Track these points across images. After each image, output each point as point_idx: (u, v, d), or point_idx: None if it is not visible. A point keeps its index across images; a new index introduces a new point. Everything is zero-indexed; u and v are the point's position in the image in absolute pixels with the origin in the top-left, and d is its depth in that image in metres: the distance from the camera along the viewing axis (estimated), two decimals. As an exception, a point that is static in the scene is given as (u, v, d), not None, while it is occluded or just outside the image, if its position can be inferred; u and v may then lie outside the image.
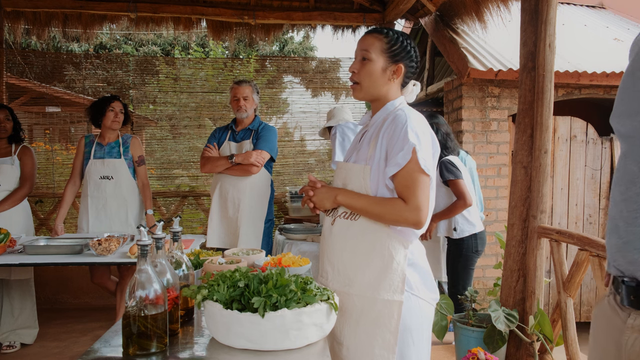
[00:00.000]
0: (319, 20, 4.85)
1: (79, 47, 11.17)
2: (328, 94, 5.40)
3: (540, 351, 2.63)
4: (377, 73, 1.56)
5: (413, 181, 1.44)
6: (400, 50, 1.57)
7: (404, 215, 1.44)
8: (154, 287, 1.13)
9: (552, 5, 2.60)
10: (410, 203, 1.44)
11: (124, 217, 3.39)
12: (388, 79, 1.57)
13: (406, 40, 1.60)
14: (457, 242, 3.20)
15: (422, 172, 1.45)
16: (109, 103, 3.38)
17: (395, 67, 1.57)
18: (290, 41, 13.84)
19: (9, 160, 3.39)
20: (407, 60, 1.58)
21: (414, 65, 1.60)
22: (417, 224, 1.45)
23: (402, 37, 1.60)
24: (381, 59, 1.56)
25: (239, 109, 3.26)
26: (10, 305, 3.44)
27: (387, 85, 1.59)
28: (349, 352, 1.53)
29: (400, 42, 1.58)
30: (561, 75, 4.15)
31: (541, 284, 2.70)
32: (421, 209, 1.44)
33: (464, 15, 4.43)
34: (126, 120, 3.49)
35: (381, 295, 1.49)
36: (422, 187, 1.45)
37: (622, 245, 0.89)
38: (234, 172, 3.20)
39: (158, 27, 4.86)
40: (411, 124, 1.47)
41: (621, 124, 0.91)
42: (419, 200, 1.44)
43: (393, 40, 1.57)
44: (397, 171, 1.46)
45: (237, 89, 3.28)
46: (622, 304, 0.91)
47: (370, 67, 1.56)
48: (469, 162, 3.52)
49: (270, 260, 1.94)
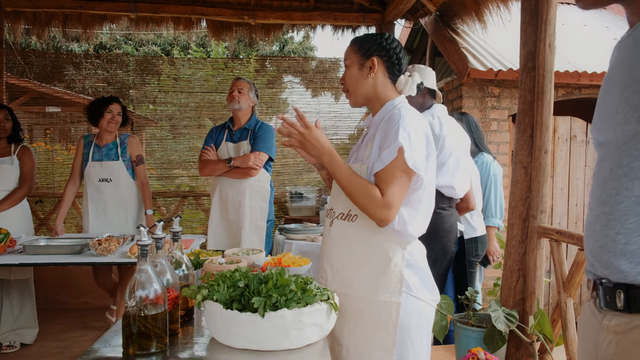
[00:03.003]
0: (319, 20, 4.85)
1: (79, 47, 11.17)
2: (328, 94, 5.40)
3: (540, 351, 2.63)
4: (355, 74, 1.61)
5: (392, 176, 1.44)
6: (370, 45, 1.60)
7: (374, 204, 1.43)
8: (154, 287, 1.13)
9: (552, 5, 2.60)
10: (385, 197, 1.43)
11: (124, 218, 3.40)
12: (367, 75, 1.59)
13: (378, 35, 1.62)
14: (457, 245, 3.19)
15: (406, 171, 1.44)
16: (107, 105, 3.37)
17: (369, 61, 1.59)
18: (290, 41, 13.84)
19: (9, 160, 3.39)
20: (380, 52, 1.59)
21: (390, 56, 1.59)
22: (382, 220, 1.44)
23: (374, 35, 1.63)
24: (355, 60, 1.61)
25: (232, 100, 3.25)
26: (10, 305, 3.44)
27: (371, 82, 1.60)
28: (349, 353, 1.53)
29: (369, 38, 1.62)
30: (561, 75, 4.15)
31: (541, 284, 2.70)
32: (392, 206, 1.43)
33: (464, 15, 4.43)
34: (124, 122, 3.48)
35: (379, 296, 1.49)
36: (399, 185, 1.44)
37: (597, 249, 0.90)
38: (233, 175, 3.20)
39: (158, 27, 4.86)
40: (404, 123, 1.46)
41: (599, 132, 0.93)
42: (393, 198, 1.43)
43: (362, 39, 1.63)
44: (381, 168, 1.46)
45: (234, 83, 3.30)
46: (600, 306, 0.92)
47: (349, 72, 1.63)
48: (494, 167, 3.39)
49: (270, 260, 1.94)
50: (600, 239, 0.89)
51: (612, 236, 0.87)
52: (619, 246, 0.85)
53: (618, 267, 0.86)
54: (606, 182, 0.89)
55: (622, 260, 0.85)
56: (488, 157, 3.41)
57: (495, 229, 3.40)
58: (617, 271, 0.86)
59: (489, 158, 3.41)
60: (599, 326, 0.92)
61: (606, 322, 0.90)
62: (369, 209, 1.44)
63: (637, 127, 0.82)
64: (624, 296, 0.85)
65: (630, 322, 0.85)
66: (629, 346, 0.85)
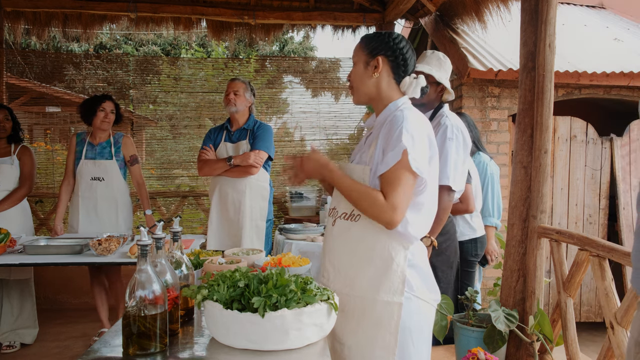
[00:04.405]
0: (319, 20, 4.85)
1: (79, 47, 11.16)
2: (328, 94, 5.40)
3: (540, 351, 2.63)
4: (360, 71, 1.62)
5: (396, 179, 1.44)
6: (376, 44, 1.60)
7: (378, 209, 1.43)
8: (154, 287, 1.13)
9: (552, 5, 2.60)
10: (389, 200, 1.43)
11: (114, 218, 3.38)
12: (372, 74, 1.59)
13: (386, 35, 1.62)
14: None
15: (410, 173, 1.44)
16: (100, 103, 3.35)
17: (374, 60, 1.59)
18: (290, 41, 13.82)
19: (9, 160, 3.39)
20: (387, 52, 1.59)
21: (396, 57, 1.59)
22: (389, 222, 1.44)
23: (384, 34, 1.63)
24: (362, 58, 1.62)
25: (228, 103, 3.25)
26: (10, 305, 3.44)
27: (374, 81, 1.59)
28: (351, 352, 1.53)
29: (376, 37, 1.62)
30: (561, 75, 4.15)
31: (541, 284, 2.70)
32: (397, 208, 1.43)
33: (464, 15, 4.43)
34: (118, 120, 3.46)
35: (381, 296, 1.49)
36: (404, 187, 1.44)
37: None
38: (232, 174, 3.19)
39: (158, 27, 4.86)
40: (407, 125, 1.46)
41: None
42: (398, 200, 1.43)
43: (370, 37, 1.63)
44: (385, 171, 1.46)
45: (229, 84, 3.30)
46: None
47: (355, 69, 1.64)
48: (491, 167, 3.39)
49: (270, 260, 1.94)
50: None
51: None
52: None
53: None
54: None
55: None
56: (485, 157, 3.41)
57: (493, 228, 3.39)
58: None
59: (486, 158, 3.41)
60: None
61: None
62: (375, 213, 1.45)
63: None
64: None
65: None
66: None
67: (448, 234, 2.49)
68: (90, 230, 3.29)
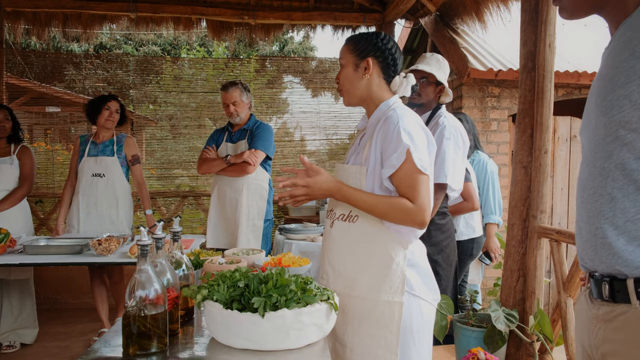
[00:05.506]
0: (319, 20, 4.85)
1: (79, 47, 11.16)
2: (328, 94, 5.40)
3: (540, 351, 2.63)
4: (350, 74, 1.61)
5: (414, 181, 1.45)
6: (365, 45, 1.59)
7: (410, 215, 1.44)
8: (154, 287, 1.13)
9: (552, 5, 2.60)
10: (416, 203, 1.44)
11: (115, 215, 3.39)
12: (362, 75, 1.59)
13: (374, 36, 1.61)
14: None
15: (421, 172, 1.45)
16: (105, 102, 3.39)
17: (364, 62, 1.58)
18: (290, 41, 13.83)
19: (8, 160, 3.40)
20: (376, 53, 1.58)
21: (386, 57, 1.59)
22: (422, 223, 1.46)
23: (370, 34, 1.62)
24: (351, 60, 1.61)
25: (231, 115, 3.28)
26: (10, 305, 3.44)
27: (365, 83, 1.59)
28: (353, 353, 1.53)
29: (365, 38, 1.61)
30: (561, 75, 4.15)
31: (541, 284, 2.70)
32: (425, 208, 1.45)
33: (464, 15, 4.43)
34: (122, 121, 3.49)
35: (382, 296, 1.49)
36: (425, 187, 1.46)
37: (583, 244, 1.00)
38: (229, 172, 3.22)
39: (158, 27, 4.86)
40: (403, 124, 1.47)
41: (583, 135, 1.03)
42: (424, 200, 1.45)
43: (357, 39, 1.62)
44: (392, 172, 1.46)
45: (224, 96, 3.27)
46: (592, 296, 1.00)
47: (344, 71, 1.63)
48: (490, 165, 3.41)
49: (270, 260, 1.94)
50: (585, 235, 0.98)
51: (593, 231, 0.95)
52: (599, 240, 0.94)
53: (600, 260, 0.94)
54: (586, 183, 0.98)
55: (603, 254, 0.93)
56: (484, 156, 3.43)
57: (495, 225, 3.40)
58: (600, 263, 0.95)
59: (484, 156, 3.43)
60: (590, 315, 1.00)
61: (595, 311, 0.98)
62: (407, 219, 1.45)
63: (605, 131, 0.92)
64: (608, 287, 0.93)
65: (613, 311, 0.93)
66: (611, 333, 0.94)
67: (448, 232, 2.49)
68: (90, 228, 3.30)
